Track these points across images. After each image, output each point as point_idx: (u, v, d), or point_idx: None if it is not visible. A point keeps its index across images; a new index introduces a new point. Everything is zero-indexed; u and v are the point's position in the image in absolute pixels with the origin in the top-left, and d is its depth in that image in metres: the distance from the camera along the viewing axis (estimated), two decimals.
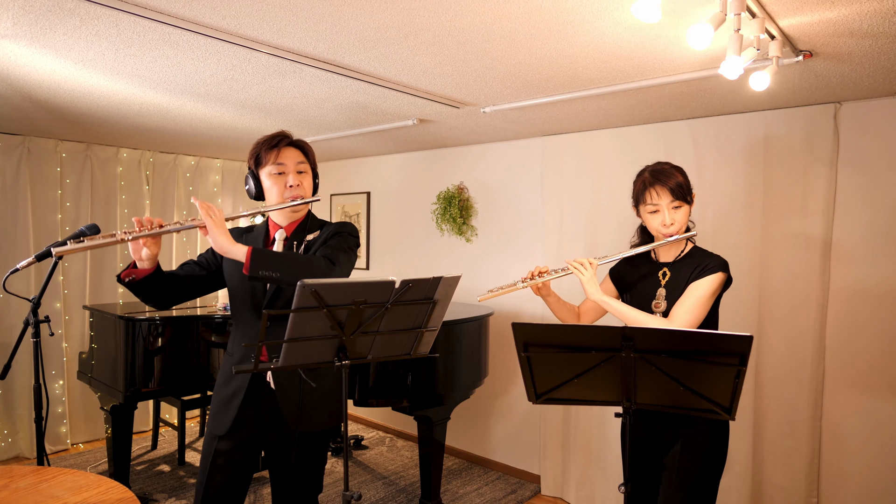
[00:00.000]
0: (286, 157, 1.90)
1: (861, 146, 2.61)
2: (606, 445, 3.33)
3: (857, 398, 2.65)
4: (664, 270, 1.94)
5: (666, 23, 1.77)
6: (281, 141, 1.91)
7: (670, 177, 1.88)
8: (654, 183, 1.89)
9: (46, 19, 1.87)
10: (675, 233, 1.89)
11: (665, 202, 1.87)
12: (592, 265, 1.95)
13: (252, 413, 1.89)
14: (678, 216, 1.88)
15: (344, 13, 1.79)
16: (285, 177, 1.90)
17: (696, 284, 1.84)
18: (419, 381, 2.96)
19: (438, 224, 4.16)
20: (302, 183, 1.92)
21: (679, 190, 1.87)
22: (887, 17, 1.70)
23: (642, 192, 1.92)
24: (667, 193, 1.87)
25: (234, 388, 1.90)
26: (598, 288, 1.92)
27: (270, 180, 1.91)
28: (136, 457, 4.05)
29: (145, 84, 2.61)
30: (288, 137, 1.94)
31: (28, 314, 2.23)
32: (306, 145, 1.99)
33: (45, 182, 4.07)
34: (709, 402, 1.51)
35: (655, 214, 1.90)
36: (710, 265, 1.85)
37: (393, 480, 3.71)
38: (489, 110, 2.92)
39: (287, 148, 1.92)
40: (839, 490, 2.69)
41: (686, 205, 1.89)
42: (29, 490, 1.66)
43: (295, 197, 1.90)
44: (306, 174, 1.95)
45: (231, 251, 1.71)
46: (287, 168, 1.90)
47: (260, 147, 1.91)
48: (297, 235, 1.95)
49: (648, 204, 1.90)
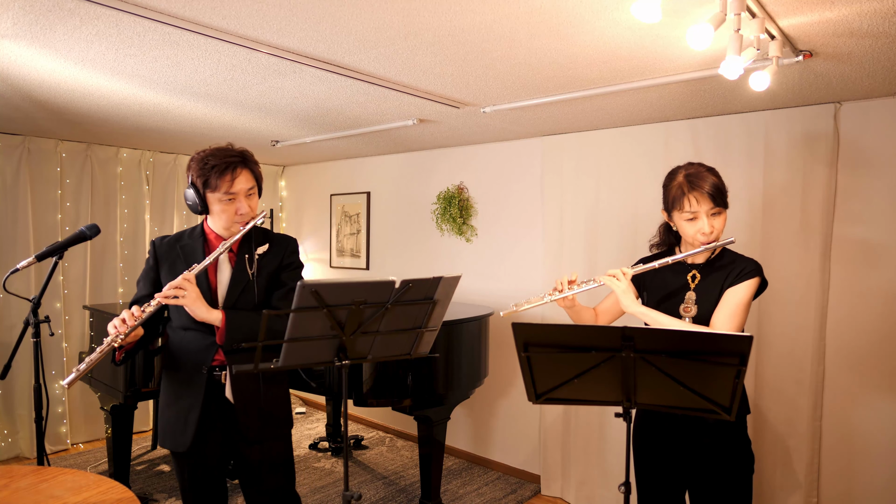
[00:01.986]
0: (239, 184, 1.85)
1: (861, 146, 2.61)
2: (606, 445, 3.33)
3: (856, 398, 2.65)
4: (693, 273, 1.87)
5: (666, 23, 1.77)
6: (233, 167, 1.83)
7: (708, 181, 1.78)
8: (693, 189, 1.78)
9: (46, 19, 1.87)
10: (714, 241, 1.81)
11: (704, 209, 1.78)
12: (626, 275, 1.87)
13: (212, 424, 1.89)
14: (717, 223, 1.80)
15: (344, 13, 1.79)
16: (235, 203, 1.86)
17: (733, 291, 1.78)
18: (419, 381, 2.95)
19: (438, 224, 4.16)
20: (251, 206, 1.89)
21: (720, 196, 1.78)
22: (887, 17, 1.70)
23: (679, 198, 1.81)
24: (707, 200, 1.77)
25: (187, 404, 1.88)
26: (633, 300, 1.85)
27: (220, 206, 1.86)
28: (136, 457, 4.05)
29: (145, 84, 2.61)
30: (237, 159, 1.86)
31: (28, 314, 2.22)
32: (254, 164, 1.92)
33: (45, 182, 4.07)
34: (709, 402, 1.51)
35: (693, 222, 1.80)
36: (747, 269, 1.80)
37: (393, 480, 3.71)
38: (489, 110, 2.92)
39: (239, 176, 1.85)
40: (839, 490, 2.69)
41: (724, 210, 1.81)
42: (29, 490, 1.66)
43: (245, 223, 1.87)
44: (254, 196, 1.92)
45: (209, 318, 1.80)
46: (238, 196, 1.86)
47: (209, 171, 1.82)
48: (246, 249, 1.93)
49: (686, 211, 1.80)
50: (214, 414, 1.89)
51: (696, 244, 1.83)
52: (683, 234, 1.86)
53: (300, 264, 2.04)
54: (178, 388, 1.91)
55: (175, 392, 1.92)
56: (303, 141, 3.94)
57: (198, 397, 1.86)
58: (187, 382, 1.89)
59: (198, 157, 1.87)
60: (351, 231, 4.89)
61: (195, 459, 1.90)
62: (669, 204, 1.87)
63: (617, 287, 1.86)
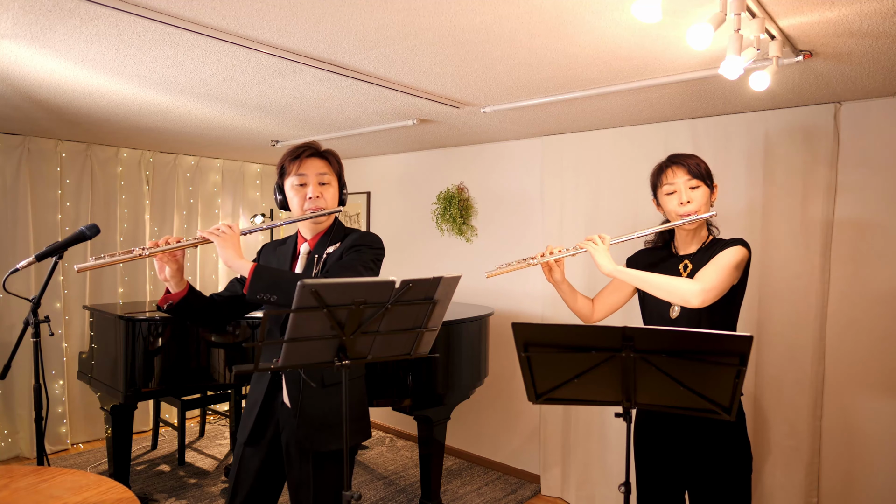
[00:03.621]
0: (308, 167, 1.86)
1: (861, 146, 2.61)
2: (606, 445, 3.33)
3: (856, 398, 2.65)
4: (685, 263, 1.88)
5: (666, 23, 1.77)
6: (304, 151, 1.87)
7: (686, 157, 1.84)
8: (671, 163, 1.84)
9: (46, 19, 1.87)
10: (693, 212, 1.81)
11: (682, 180, 1.81)
12: (605, 240, 1.87)
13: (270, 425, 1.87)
14: (696, 195, 1.81)
15: (344, 13, 1.79)
16: (306, 188, 1.86)
17: (720, 254, 1.79)
18: (419, 381, 2.96)
19: (438, 224, 4.16)
20: (323, 194, 1.87)
21: (697, 169, 1.81)
22: (887, 17, 1.70)
23: (658, 174, 1.87)
24: (683, 171, 1.81)
25: (255, 396, 1.90)
26: (610, 259, 1.83)
27: (292, 191, 1.88)
28: (136, 457, 4.05)
29: (145, 84, 2.61)
30: (312, 148, 1.89)
31: (28, 314, 2.22)
32: (332, 156, 1.93)
33: (45, 182, 4.07)
34: (709, 402, 1.51)
35: (672, 196, 1.83)
36: (731, 242, 1.81)
37: (393, 480, 3.71)
38: (489, 110, 2.92)
39: (310, 159, 1.87)
40: (839, 490, 2.69)
41: (704, 185, 1.82)
42: (29, 490, 1.66)
43: (314, 209, 1.86)
44: (329, 185, 1.90)
45: (236, 265, 1.72)
46: (308, 179, 1.86)
47: (284, 158, 1.89)
48: (319, 248, 1.91)
49: (665, 185, 1.84)
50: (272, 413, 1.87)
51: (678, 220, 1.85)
52: (667, 212, 1.88)
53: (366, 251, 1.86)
54: (255, 379, 1.94)
55: (253, 383, 1.95)
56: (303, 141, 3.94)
57: (261, 394, 1.87)
58: (260, 376, 1.91)
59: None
60: None
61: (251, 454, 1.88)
62: (653, 186, 1.91)
63: (595, 250, 1.86)
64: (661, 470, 1.91)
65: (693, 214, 1.81)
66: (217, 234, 1.75)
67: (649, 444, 1.94)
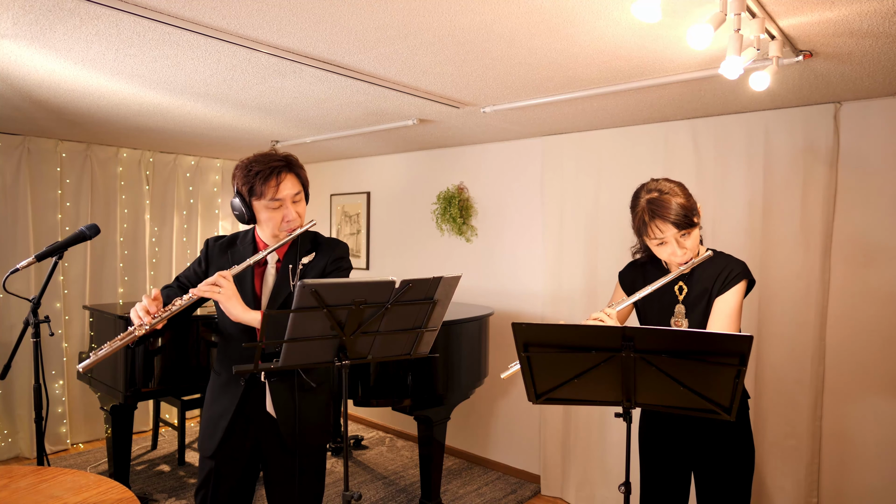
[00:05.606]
0: (283, 191, 1.79)
1: (861, 146, 2.61)
2: (606, 445, 3.33)
3: (856, 398, 2.65)
4: (680, 285, 1.87)
5: (666, 23, 1.77)
6: (277, 172, 1.79)
7: (671, 207, 1.74)
8: (654, 217, 1.75)
9: (46, 19, 1.87)
10: (690, 260, 1.80)
11: (671, 234, 1.76)
12: (610, 316, 1.80)
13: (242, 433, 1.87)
14: (689, 243, 1.78)
15: (344, 13, 1.79)
16: (282, 211, 1.82)
17: (723, 300, 1.77)
18: (419, 381, 2.95)
19: (438, 224, 4.16)
20: (298, 212, 1.85)
21: (684, 219, 1.74)
22: (887, 17, 1.70)
23: (643, 227, 1.80)
24: (670, 227, 1.75)
25: (221, 408, 1.87)
26: None
27: (266, 213, 1.81)
28: (136, 457, 4.05)
29: (145, 84, 2.61)
30: (282, 164, 1.81)
31: (28, 314, 2.22)
32: (300, 168, 1.88)
33: (45, 182, 4.07)
34: (709, 402, 1.51)
35: (663, 246, 1.79)
36: (732, 274, 1.78)
37: (393, 480, 3.71)
38: (489, 110, 2.92)
39: (283, 182, 1.79)
40: (839, 490, 2.69)
41: (694, 228, 1.77)
42: (29, 490, 1.66)
43: (291, 230, 1.84)
44: (301, 202, 1.87)
45: (245, 319, 1.73)
46: (285, 202, 1.81)
47: (254, 178, 1.78)
48: (291, 258, 1.89)
49: (653, 238, 1.79)
50: (247, 423, 1.86)
51: (672, 267, 1.86)
52: (659, 256, 1.86)
53: (346, 266, 1.94)
54: (216, 392, 1.90)
55: (213, 396, 1.91)
56: (303, 141, 3.94)
57: (231, 405, 1.84)
58: (224, 388, 1.88)
59: (242, 164, 1.83)
60: (351, 231, 4.89)
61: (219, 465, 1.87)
62: (636, 230, 1.86)
63: None
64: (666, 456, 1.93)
65: (691, 258, 1.80)
66: (214, 290, 1.71)
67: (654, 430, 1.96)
